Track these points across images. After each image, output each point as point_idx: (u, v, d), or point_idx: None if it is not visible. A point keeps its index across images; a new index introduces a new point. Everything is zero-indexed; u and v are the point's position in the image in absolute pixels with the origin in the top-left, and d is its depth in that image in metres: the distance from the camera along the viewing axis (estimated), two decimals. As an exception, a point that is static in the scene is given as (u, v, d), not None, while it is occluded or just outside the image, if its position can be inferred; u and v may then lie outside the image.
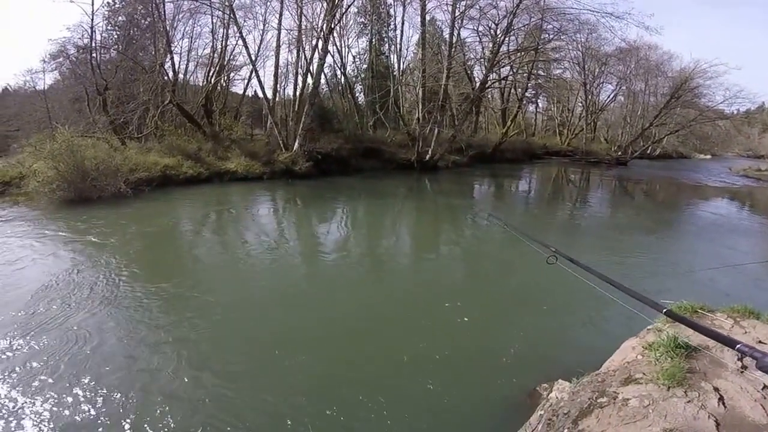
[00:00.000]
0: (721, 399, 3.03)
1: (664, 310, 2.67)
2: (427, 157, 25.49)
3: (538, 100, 48.20)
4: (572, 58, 35.69)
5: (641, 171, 34.26)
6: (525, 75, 32.94)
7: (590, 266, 3.58)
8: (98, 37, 22.30)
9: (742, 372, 3.34)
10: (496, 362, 5.23)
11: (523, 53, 29.45)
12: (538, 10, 25.50)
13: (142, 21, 24.22)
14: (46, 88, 25.31)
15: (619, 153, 38.02)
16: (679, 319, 2.63)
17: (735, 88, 33.42)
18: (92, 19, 20.28)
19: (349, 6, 24.02)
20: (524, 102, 39.93)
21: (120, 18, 25.03)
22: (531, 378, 4.65)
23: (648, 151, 42.81)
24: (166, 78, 21.72)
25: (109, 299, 6.44)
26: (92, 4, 19.89)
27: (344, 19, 26.33)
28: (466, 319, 6.47)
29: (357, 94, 31.42)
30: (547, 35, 28.45)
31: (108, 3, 23.91)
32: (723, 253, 10.88)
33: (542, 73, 35.37)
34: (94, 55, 21.03)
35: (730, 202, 21.38)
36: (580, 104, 42.24)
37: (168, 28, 21.92)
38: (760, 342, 3.78)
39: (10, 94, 29.84)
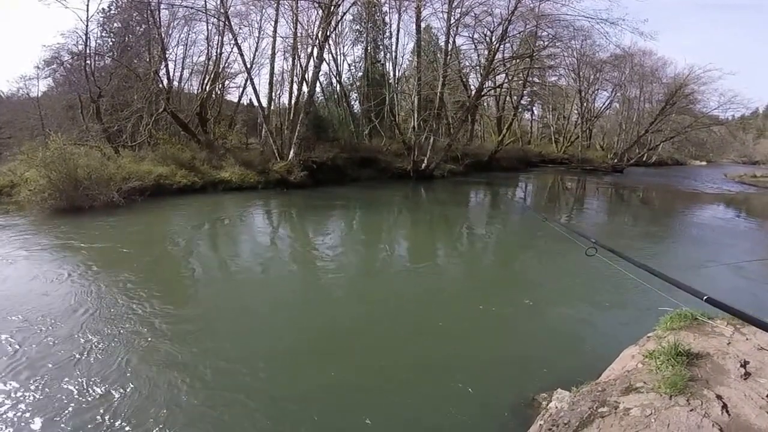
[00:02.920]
0: (724, 407, 2.94)
1: (705, 297, 2.59)
2: (423, 165, 25.49)
3: (534, 108, 48.42)
4: (567, 65, 35.99)
5: (637, 178, 34.35)
6: (520, 82, 33.15)
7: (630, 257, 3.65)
8: (93, 44, 22.24)
9: (745, 379, 3.24)
10: (518, 366, 5.21)
11: (518, 60, 29.53)
12: (533, 17, 25.51)
13: (137, 28, 24.12)
14: (39, 95, 25.22)
15: (615, 160, 38.08)
16: (720, 305, 2.54)
17: (729, 93, 33.73)
18: (87, 26, 20.19)
19: (344, 14, 24.17)
20: (520, 110, 40.14)
21: (115, 24, 24.97)
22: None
23: (644, 159, 42.95)
24: (160, 85, 21.61)
25: (115, 317, 6.24)
26: (87, 10, 19.77)
27: (339, 26, 26.35)
28: (474, 322, 6.49)
29: (352, 103, 31.42)
30: (542, 42, 28.50)
31: (103, 9, 23.92)
32: (724, 254, 10.90)
33: (537, 81, 35.53)
34: (88, 61, 20.92)
35: (726, 209, 21.34)
36: (576, 111, 42.44)
37: (163, 35, 21.86)
38: (761, 349, 3.69)
39: (3, 101, 29.70)
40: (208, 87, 24.27)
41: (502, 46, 27.21)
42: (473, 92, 28.62)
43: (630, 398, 3.20)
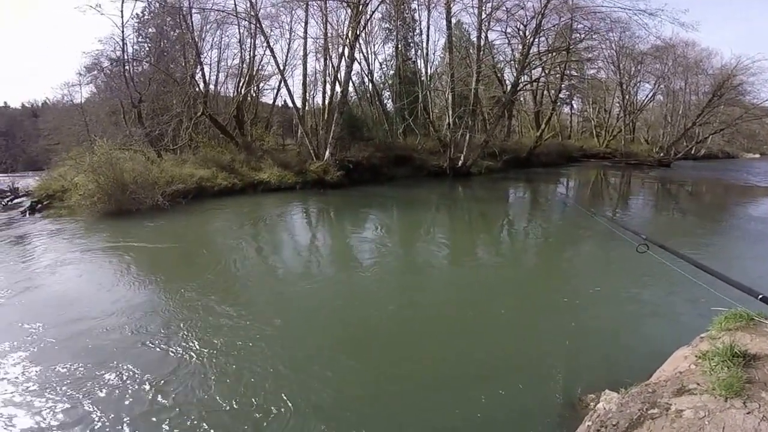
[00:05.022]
0: (784, 410, 2.70)
1: (759, 296, 2.43)
2: (460, 163, 25.15)
3: (573, 102, 47.35)
4: (606, 57, 35.02)
5: (685, 172, 33.02)
6: (557, 76, 32.36)
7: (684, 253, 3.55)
8: (130, 50, 22.92)
9: (807, 382, 3.00)
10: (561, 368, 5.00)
11: (554, 54, 28.90)
12: (568, 10, 24.89)
13: (171, 33, 24.68)
14: (83, 101, 26.01)
15: (661, 154, 36.87)
16: None
17: (781, 83, 32.25)
18: (123, 32, 20.78)
19: (373, 12, 24.06)
20: (558, 104, 39.23)
21: (150, 30, 25.71)
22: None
23: (692, 152, 41.45)
24: (197, 89, 22.04)
25: (191, 320, 6.30)
26: (122, 16, 20.35)
27: (369, 25, 26.31)
28: (516, 321, 6.31)
29: (385, 101, 31.39)
30: (578, 35, 27.82)
31: (137, 15, 24.60)
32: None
33: (575, 74, 34.76)
34: (126, 67, 21.54)
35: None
36: (617, 104, 41.31)
37: (196, 39, 22.31)
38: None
39: (49, 108, 30.79)
40: (243, 90, 24.69)
41: (536, 39, 26.87)
42: (509, 87, 28.20)
43: (682, 400, 2.99)
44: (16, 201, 17.84)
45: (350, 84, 25.23)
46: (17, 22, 75.21)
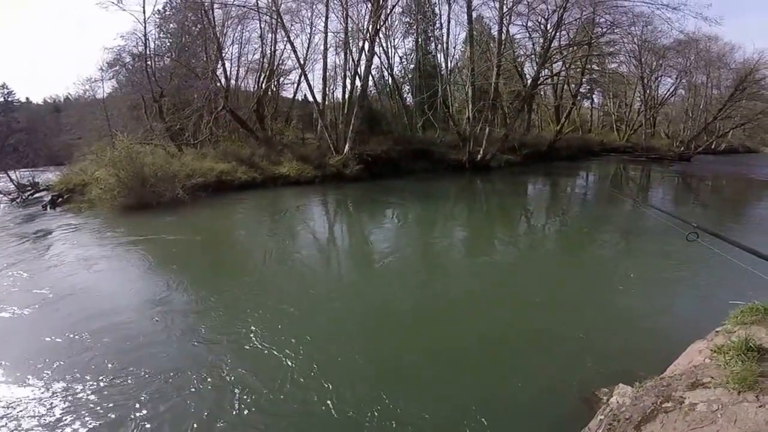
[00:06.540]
0: (797, 404, 2.75)
1: None
2: (479, 157, 25.03)
3: (594, 96, 46.84)
4: (628, 51, 34.41)
5: (706, 167, 32.42)
6: (578, 70, 32.01)
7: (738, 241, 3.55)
8: (151, 45, 23.18)
9: (821, 377, 3.04)
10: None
11: (575, 48, 28.55)
12: (590, 4, 24.45)
13: (193, 28, 24.81)
14: (105, 96, 26.29)
15: (682, 148, 36.27)
16: None
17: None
18: (145, 27, 21.13)
19: (393, 6, 24.15)
20: (579, 98, 38.76)
21: (171, 25, 26.00)
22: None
23: (712, 146, 40.85)
24: (218, 84, 22.24)
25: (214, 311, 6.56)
26: (144, 12, 20.67)
27: (389, 19, 26.34)
28: (537, 311, 6.43)
29: (405, 95, 31.42)
30: (600, 29, 27.33)
31: (158, 11, 24.82)
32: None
33: (597, 68, 34.34)
34: (148, 62, 21.86)
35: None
36: (638, 99, 40.79)
37: (218, 34, 22.52)
38: None
39: (71, 104, 31.05)
40: (263, 84, 24.83)
41: (557, 33, 26.33)
42: (529, 81, 27.98)
43: (696, 393, 3.08)
44: (36, 195, 18.06)
45: (370, 78, 25.36)
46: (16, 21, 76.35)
